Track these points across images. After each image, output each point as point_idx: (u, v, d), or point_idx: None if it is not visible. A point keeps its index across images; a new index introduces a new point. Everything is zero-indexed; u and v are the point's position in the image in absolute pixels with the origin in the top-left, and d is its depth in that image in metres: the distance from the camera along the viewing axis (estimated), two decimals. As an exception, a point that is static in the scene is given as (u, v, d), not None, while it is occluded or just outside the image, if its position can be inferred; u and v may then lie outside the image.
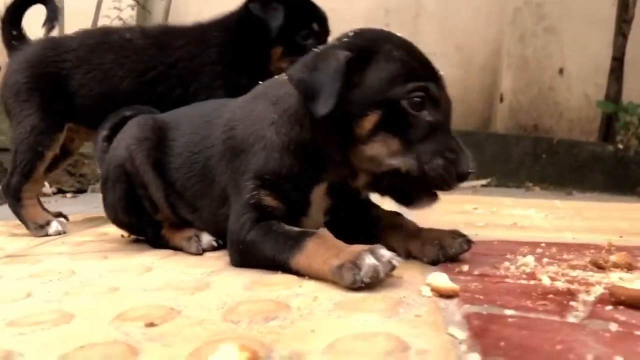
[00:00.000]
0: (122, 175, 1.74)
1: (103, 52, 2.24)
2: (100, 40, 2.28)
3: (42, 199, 3.50)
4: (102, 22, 5.24)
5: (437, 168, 1.33)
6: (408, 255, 1.51)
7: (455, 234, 1.47)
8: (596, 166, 5.02)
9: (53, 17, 2.42)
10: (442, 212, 2.31)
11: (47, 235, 2.11)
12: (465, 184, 4.35)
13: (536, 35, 5.86)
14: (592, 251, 1.62)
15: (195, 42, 2.25)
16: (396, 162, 1.36)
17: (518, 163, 5.11)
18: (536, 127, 5.88)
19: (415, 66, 1.37)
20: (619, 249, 1.65)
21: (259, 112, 1.53)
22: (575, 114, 5.88)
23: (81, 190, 3.96)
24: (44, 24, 2.44)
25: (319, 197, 1.53)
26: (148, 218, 1.78)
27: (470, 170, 1.35)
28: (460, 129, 5.51)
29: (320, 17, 2.31)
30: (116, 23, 5.43)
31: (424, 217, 1.55)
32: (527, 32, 5.87)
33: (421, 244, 1.47)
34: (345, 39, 1.42)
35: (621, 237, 1.91)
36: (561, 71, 5.84)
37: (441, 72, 1.44)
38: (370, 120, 1.34)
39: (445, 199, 1.47)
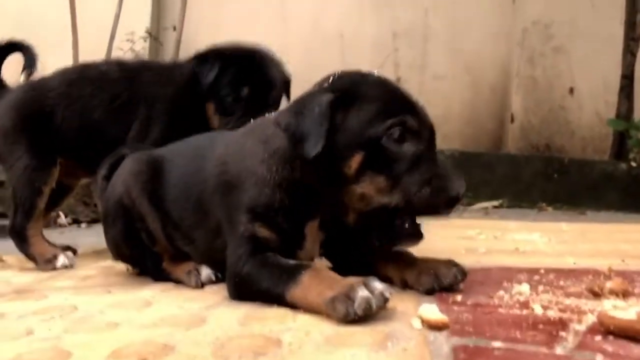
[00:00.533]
0: (121, 209, 1.79)
1: (82, 85, 2.35)
2: (79, 75, 2.40)
3: (58, 230, 3.58)
4: (115, 54, 5.37)
5: (424, 197, 1.36)
6: (404, 285, 1.52)
7: (450, 264, 1.49)
8: (609, 185, 4.97)
9: (31, 63, 2.50)
10: (445, 238, 2.32)
11: (54, 269, 2.16)
12: (476, 206, 4.32)
13: (545, 55, 5.87)
14: (591, 277, 1.62)
15: (158, 79, 2.36)
16: (385, 199, 1.40)
17: (530, 183, 5.07)
18: (548, 146, 5.85)
19: (391, 103, 1.42)
20: (619, 274, 1.65)
21: (249, 148, 1.58)
22: (587, 133, 5.84)
23: (96, 220, 4.02)
24: (23, 71, 2.52)
25: (312, 231, 1.56)
26: (148, 251, 1.81)
27: (460, 194, 1.37)
28: (471, 150, 5.52)
29: (260, 83, 2.30)
30: (129, 55, 5.56)
31: (426, 243, 1.56)
32: (536, 52, 5.88)
33: (417, 274, 1.49)
34: (326, 84, 1.48)
35: (623, 260, 1.90)
36: (571, 90, 5.82)
37: (420, 103, 1.48)
38: (355, 161, 1.39)
39: (450, 224, 1.50)
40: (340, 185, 1.43)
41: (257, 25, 6.00)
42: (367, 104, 1.41)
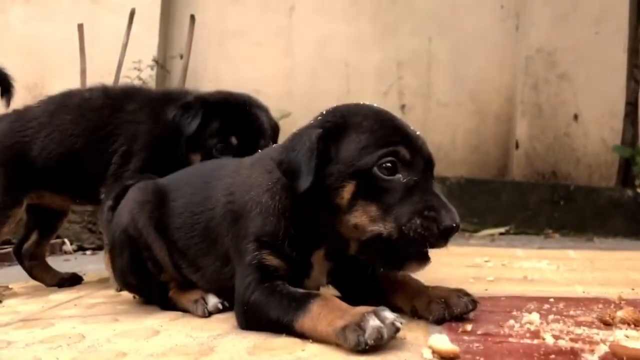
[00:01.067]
0: (127, 239, 1.79)
1: (63, 114, 2.32)
2: (61, 104, 2.36)
3: (64, 257, 3.58)
4: (122, 82, 5.43)
5: (416, 228, 1.34)
6: (414, 314, 1.51)
7: (461, 293, 1.48)
8: (616, 211, 4.95)
9: (7, 87, 2.48)
10: (453, 266, 2.31)
11: None
12: (482, 233, 4.30)
13: (549, 82, 5.90)
14: (601, 306, 1.60)
15: (142, 112, 2.30)
16: (377, 227, 1.39)
17: (536, 210, 5.06)
18: (554, 173, 5.85)
19: (384, 133, 1.42)
20: (629, 303, 1.63)
21: (255, 178, 1.59)
22: (593, 160, 5.85)
23: (101, 247, 4.02)
24: (2, 96, 2.49)
25: (319, 259, 1.56)
26: (155, 280, 1.81)
27: (453, 225, 1.34)
28: (477, 177, 5.52)
29: (249, 131, 2.22)
30: (136, 83, 5.63)
31: (434, 271, 1.55)
32: (540, 79, 5.92)
33: (427, 302, 1.49)
34: (319, 117, 1.50)
35: (633, 289, 1.89)
36: (576, 117, 5.84)
37: (417, 132, 1.48)
38: (347, 191, 1.40)
39: (457, 251, 1.48)
40: (335, 215, 1.43)
41: (263, 54, 6.08)
42: (358, 134, 1.42)
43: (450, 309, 1.45)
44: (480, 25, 6.05)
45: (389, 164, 1.39)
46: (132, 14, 5.22)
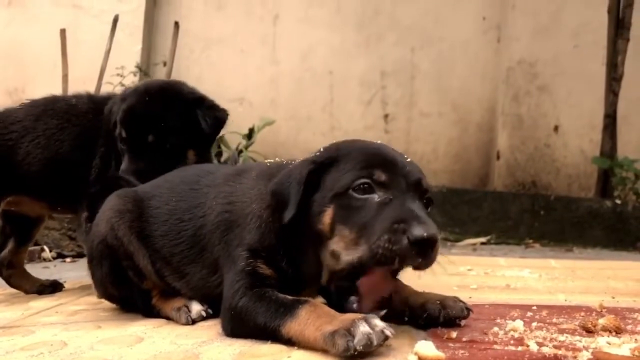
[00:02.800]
0: (106, 249, 1.76)
1: (48, 118, 2.30)
2: (46, 108, 2.34)
3: (43, 264, 3.53)
4: (105, 88, 5.39)
5: (383, 244, 1.29)
6: (406, 315, 1.50)
7: (457, 299, 1.52)
8: (595, 222, 5.03)
9: None
10: (435, 274, 2.31)
11: None
12: (464, 242, 4.30)
13: (530, 93, 5.99)
14: (583, 314, 1.63)
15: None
16: (350, 256, 1.36)
17: (517, 220, 5.12)
18: (534, 183, 5.92)
19: (364, 159, 1.43)
20: (610, 310, 1.66)
21: (258, 191, 1.59)
22: (572, 170, 5.93)
23: (81, 255, 3.96)
24: None
25: (311, 281, 1.54)
26: (137, 289, 1.78)
27: (424, 235, 1.26)
28: (458, 187, 5.57)
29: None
30: (118, 89, 5.59)
31: (416, 279, 1.56)
32: (521, 91, 6.00)
33: (422, 302, 1.51)
34: (317, 153, 1.52)
35: (613, 297, 1.91)
36: (556, 128, 5.93)
37: (407, 158, 1.48)
38: (327, 215, 1.41)
39: (441, 259, 1.46)
40: (320, 244, 1.43)
41: (247, 62, 6.08)
42: (345, 164, 1.44)
43: (446, 310, 1.48)
44: (463, 37, 6.13)
45: (364, 185, 1.39)
46: (115, 20, 5.20)
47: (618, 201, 5.09)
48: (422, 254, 1.29)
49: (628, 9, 5.24)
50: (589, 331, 1.43)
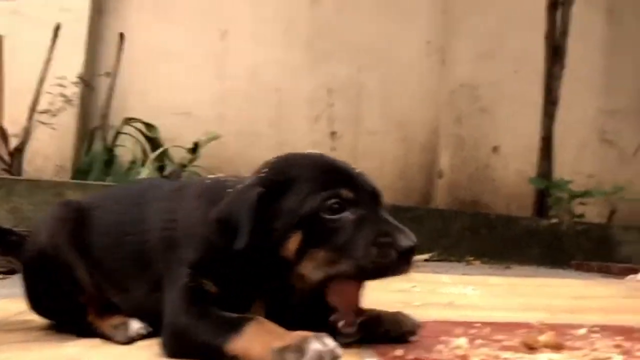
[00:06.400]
0: (43, 259, 1.67)
1: None
2: None
3: (-30, 282, 3.33)
4: (44, 98, 5.21)
5: (372, 257, 1.30)
6: (364, 330, 1.49)
7: (408, 316, 1.54)
8: (532, 240, 5.20)
9: None
10: (380, 290, 2.31)
11: None
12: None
13: (471, 115, 6.17)
14: (524, 331, 1.65)
15: None
16: (332, 271, 1.34)
17: (458, 237, 5.23)
18: (475, 202, 6.08)
19: (324, 178, 1.40)
20: (550, 327, 1.69)
21: (202, 213, 1.50)
22: (511, 190, 6.13)
23: (13, 271, 3.78)
24: None
25: (259, 303, 1.50)
26: (73, 304, 1.70)
27: (411, 244, 1.31)
28: (402, 204, 5.64)
29: None
30: (59, 100, 5.41)
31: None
32: (463, 112, 6.18)
33: (377, 315, 1.51)
34: (262, 174, 1.45)
35: (553, 314, 1.96)
36: (495, 149, 6.12)
37: (357, 169, 1.46)
38: (294, 242, 1.35)
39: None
40: (286, 268, 1.39)
41: (194, 77, 5.99)
42: (299, 185, 1.38)
43: (399, 325, 1.49)
44: (408, 59, 6.28)
45: (335, 205, 1.35)
46: (57, 28, 5.05)
47: (554, 220, 5.29)
48: (407, 262, 1.33)
49: (563, 37, 5.50)
50: (531, 348, 1.45)
